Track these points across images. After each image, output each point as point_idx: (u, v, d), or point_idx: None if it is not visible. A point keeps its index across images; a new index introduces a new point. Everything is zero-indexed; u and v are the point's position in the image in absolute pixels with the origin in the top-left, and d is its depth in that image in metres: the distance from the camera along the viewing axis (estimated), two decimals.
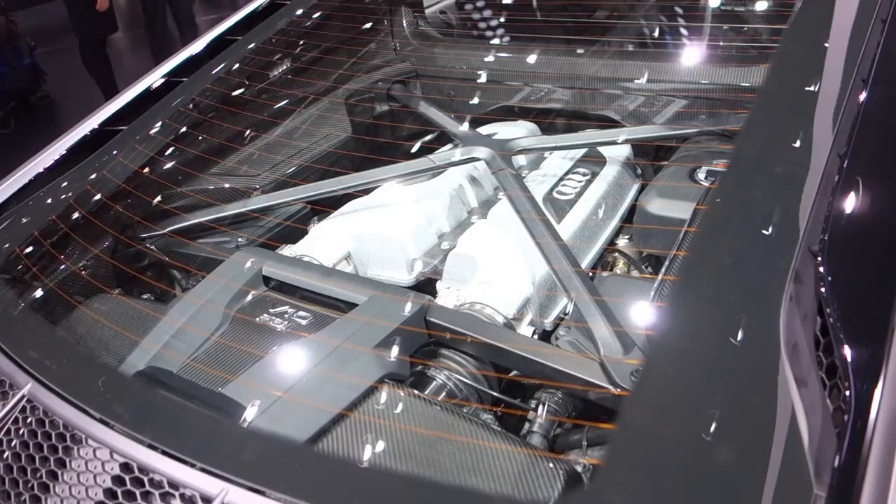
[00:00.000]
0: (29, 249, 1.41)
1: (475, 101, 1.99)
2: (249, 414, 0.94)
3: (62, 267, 1.45)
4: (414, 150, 1.79)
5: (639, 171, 1.70)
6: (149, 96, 1.81)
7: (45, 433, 0.98)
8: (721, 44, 1.85)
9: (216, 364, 1.08)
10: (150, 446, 0.89)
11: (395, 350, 1.06)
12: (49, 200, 1.53)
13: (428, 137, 1.99)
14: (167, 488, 0.85)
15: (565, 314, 1.30)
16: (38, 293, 1.35)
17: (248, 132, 1.80)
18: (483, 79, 2.00)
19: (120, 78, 5.23)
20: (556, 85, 1.95)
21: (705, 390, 0.81)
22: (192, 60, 1.91)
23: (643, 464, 0.78)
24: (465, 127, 1.69)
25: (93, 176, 1.57)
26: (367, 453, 0.92)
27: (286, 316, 1.17)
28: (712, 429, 0.76)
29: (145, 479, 0.87)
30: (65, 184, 1.58)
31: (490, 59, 2.06)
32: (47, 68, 5.87)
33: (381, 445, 0.93)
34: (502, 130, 1.80)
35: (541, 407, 1.08)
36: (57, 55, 6.24)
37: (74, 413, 0.97)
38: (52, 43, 6.39)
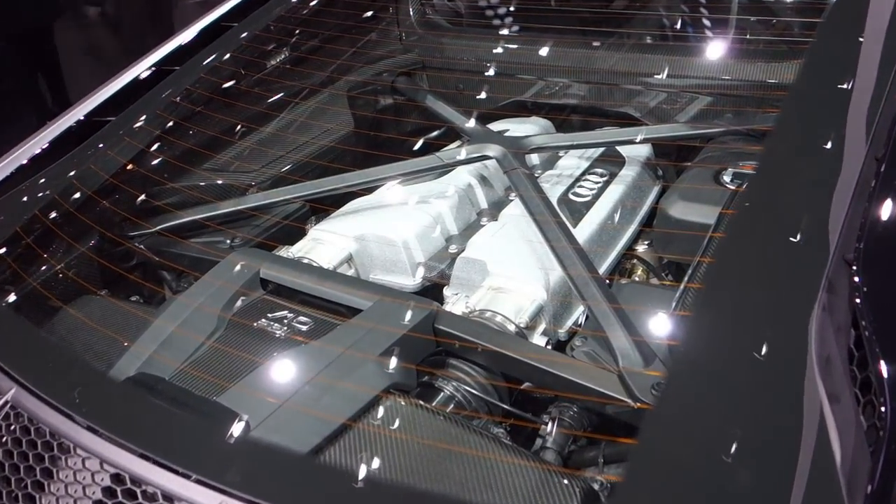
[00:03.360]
0: (9, 248, 1.43)
1: (485, 95, 2.01)
2: (247, 424, 0.96)
3: (45, 267, 1.46)
4: (418, 146, 1.81)
5: (660, 172, 1.72)
6: (138, 86, 1.82)
7: (31, 441, 0.99)
8: (749, 37, 1.87)
9: (211, 371, 1.10)
10: (143, 456, 0.91)
11: (401, 358, 1.07)
12: (31, 196, 1.54)
13: (434, 133, 2.01)
14: (161, 501, 0.87)
15: (580, 323, 1.32)
16: (21, 294, 1.37)
17: (243, 125, 1.81)
18: (494, 72, 2.02)
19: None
20: (572, 79, 1.97)
21: (731, 405, 0.83)
22: (185, 49, 1.93)
23: (664, 482, 0.79)
24: (474, 123, 1.71)
25: (78, 170, 1.59)
26: (371, 467, 0.94)
27: (285, 321, 1.19)
28: (738, 446, 0.77)
29: (138, 490, 0.89)
30: (48, 178, 1.59)
31: (501, 50, 2.07)
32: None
33: (385, 459, 0.95)
34: (514, 127, 1.82)
35: (554, 421, 1.10)
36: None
37: (61, 420, 0.98)
38: None
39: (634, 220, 1.57)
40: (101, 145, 1.66)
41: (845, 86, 1.17)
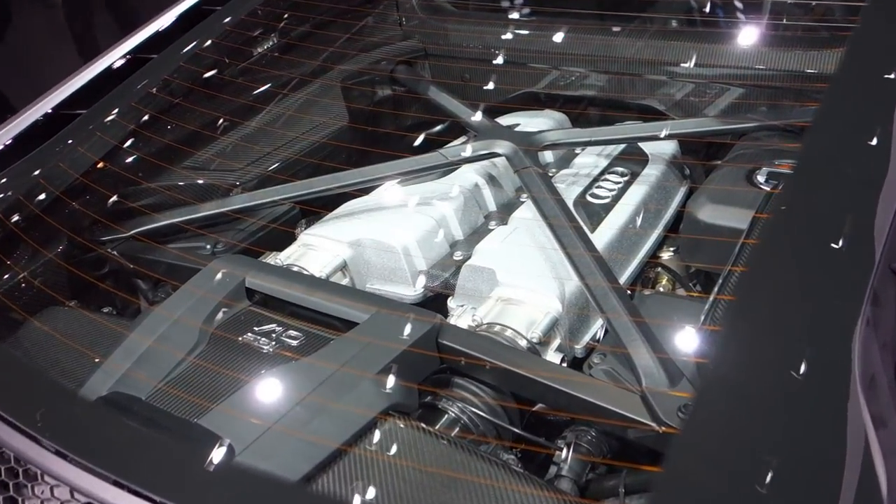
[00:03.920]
0: None
1: (493, 86, 2.02)
2: (231, 448, 0.97)
3: (8, 275, 1.47)
4: (419, 142, 1.82)
5: (687, 171, 1.72)
6: (111, 76, 1.84)
7: None
8: (786, 22, 1.87)
9: (191, 390, 1.10)
10: (116, 484, 0.92)
11: (401, 377, 1.08)
12: None
13: (437, 128, 2.01)
14: None
15: (599, 339, 1.32)
16: None
17: (226, 119, 1.83)
18: (503, 60, 2.03)
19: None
20: (590, 68, 1.98)
21: (766, 429, 0.83)
22: (163, 35, 1.94)
23: None
24: (481, 116, 1.72)
25: (44, 168, 1.61)
26: (367, 497, 0.94)
27: (274, 335, 1.20)
28: (774, 475, 0.78)
29: None
30: (11, 177, 1.60)
31: (511, 36, 2.09)
32: None
33: (383, 487, 0.95)
34: (526, 121, 1.83)
35: (570, 446, 1.10)
36: None
37: (27, 444, 0.99)
38: None
39: (659, 224, 1.58)
40: (70, 141, 1.67)
41: (892, 76, 1.17)
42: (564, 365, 1.27)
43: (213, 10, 2.02)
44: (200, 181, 1.72)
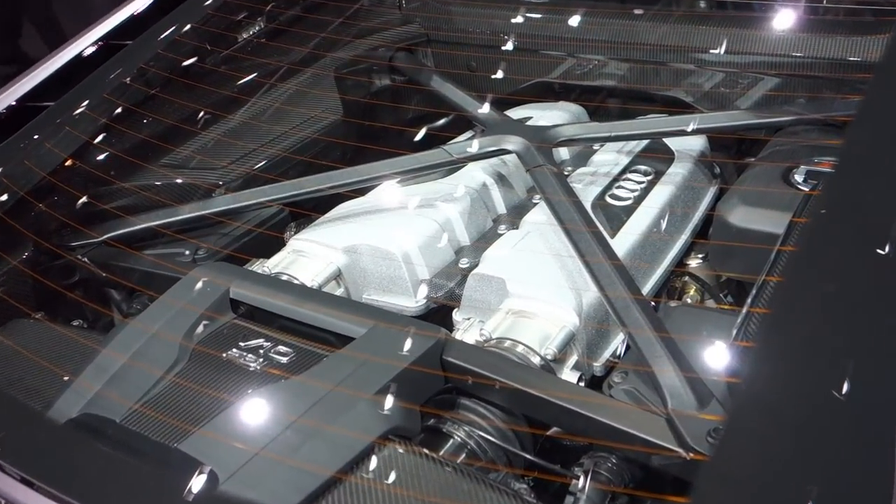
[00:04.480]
0: None
1: (503, 75, 2.02)
2: (214, 476, 0.97)
3: None
4: (420, 137, 1.82)
5: (717, 170, 1.73)
6: (81, 64, 1.85)
7: None
8: (826, 5, 1.88)
9: (171, 411, 1.11)
10: None
11: (401, 397, 1.08)
12: None
13: (441, 122, 2.02)
14: None
15: (620, 355, 1.32)
16: None
17: (208, 112, 1.83)
18: (513, 46, 2.04)
19: None
20: (609, 56, 1.98)
21: (804, 455, 0.84)
22: (138, 19, 1.95)
23: None
24: (489, 109, 1.73)
25: (8, 166, 1.61)
26: None
27: (261, 351, 1.20)
28: None
29: None
30: None
31: (522, 20, 2.09)
32: None
33: None
34: (538, 114, 1.84)
35: (588, 474, 1.10)
36: None
37: None
38: None
39: (686, 228, 1.58)
40: (36, 136, 1.68)
41: None
42: (582, 384, 1.27)
43: None
44: (179, 181, 1.73)
